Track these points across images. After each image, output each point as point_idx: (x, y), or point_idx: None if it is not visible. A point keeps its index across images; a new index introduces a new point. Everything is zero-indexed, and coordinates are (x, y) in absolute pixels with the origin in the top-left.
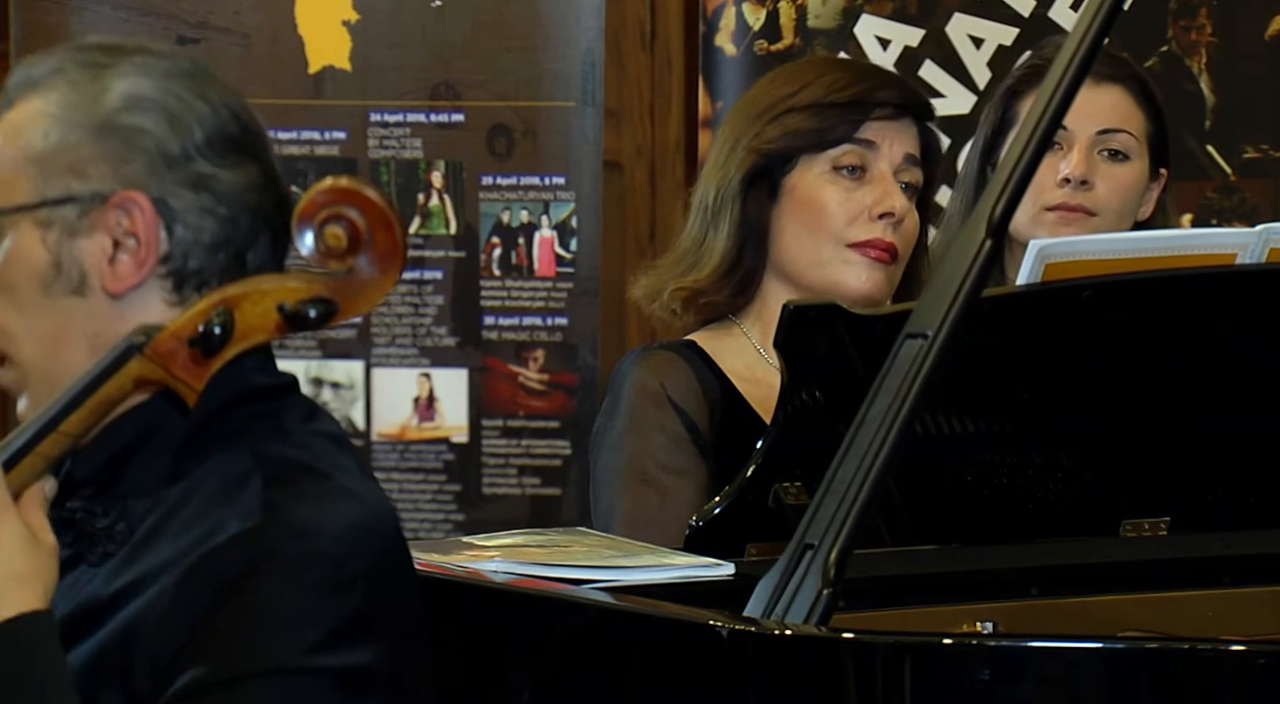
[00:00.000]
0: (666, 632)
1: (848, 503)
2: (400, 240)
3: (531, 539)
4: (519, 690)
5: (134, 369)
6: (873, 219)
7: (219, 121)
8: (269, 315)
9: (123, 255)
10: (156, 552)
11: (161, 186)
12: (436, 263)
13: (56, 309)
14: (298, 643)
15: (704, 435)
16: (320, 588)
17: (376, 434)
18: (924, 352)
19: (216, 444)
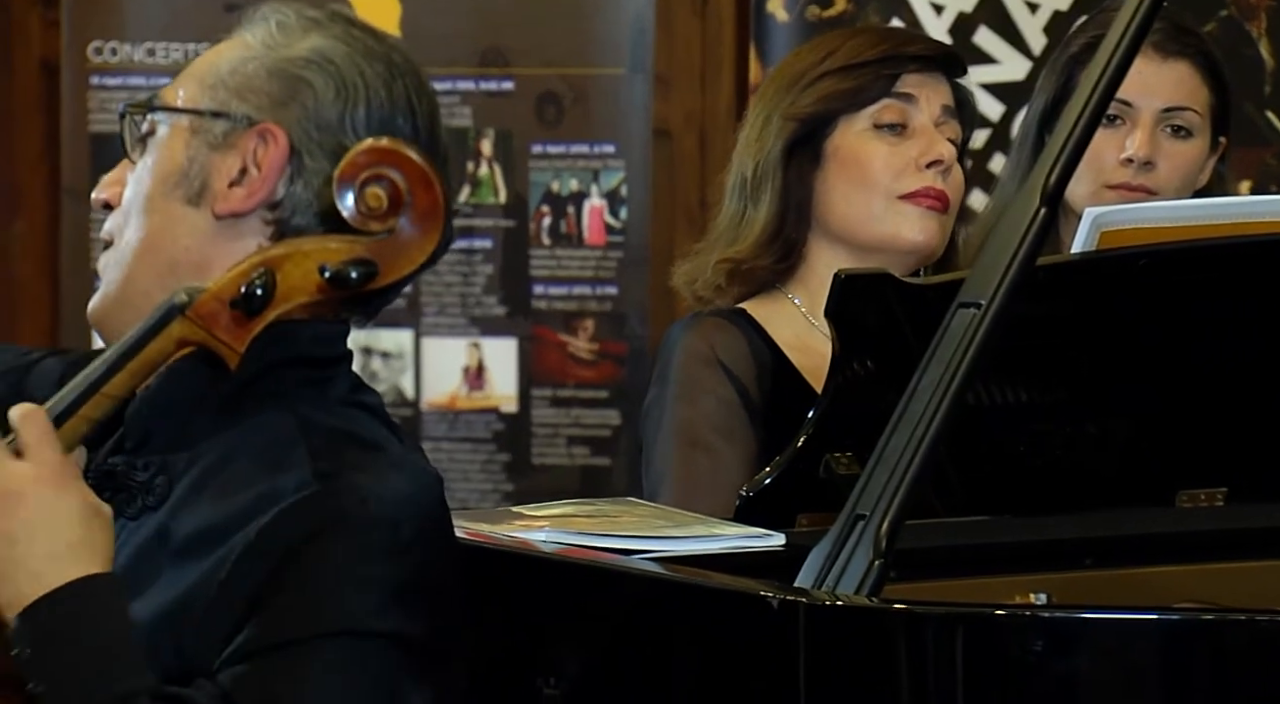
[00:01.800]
0: (716, 602)
1: (899, 473)
2: (441, 200)
3: (581, 509)
4: (567, 661)
5: (176, 330)
6: (920, 169)
7: (391, 112)
8: (310, 277)
9: (243, 182)
10: (205, 509)
11: (304, 141)
12: (486, 232)
13: (167, 211)
14: (359, 606)
15: (754, 401)
16: (378, 552)
17: (426, 404)
18: (977, 321)
19: (259, 403)
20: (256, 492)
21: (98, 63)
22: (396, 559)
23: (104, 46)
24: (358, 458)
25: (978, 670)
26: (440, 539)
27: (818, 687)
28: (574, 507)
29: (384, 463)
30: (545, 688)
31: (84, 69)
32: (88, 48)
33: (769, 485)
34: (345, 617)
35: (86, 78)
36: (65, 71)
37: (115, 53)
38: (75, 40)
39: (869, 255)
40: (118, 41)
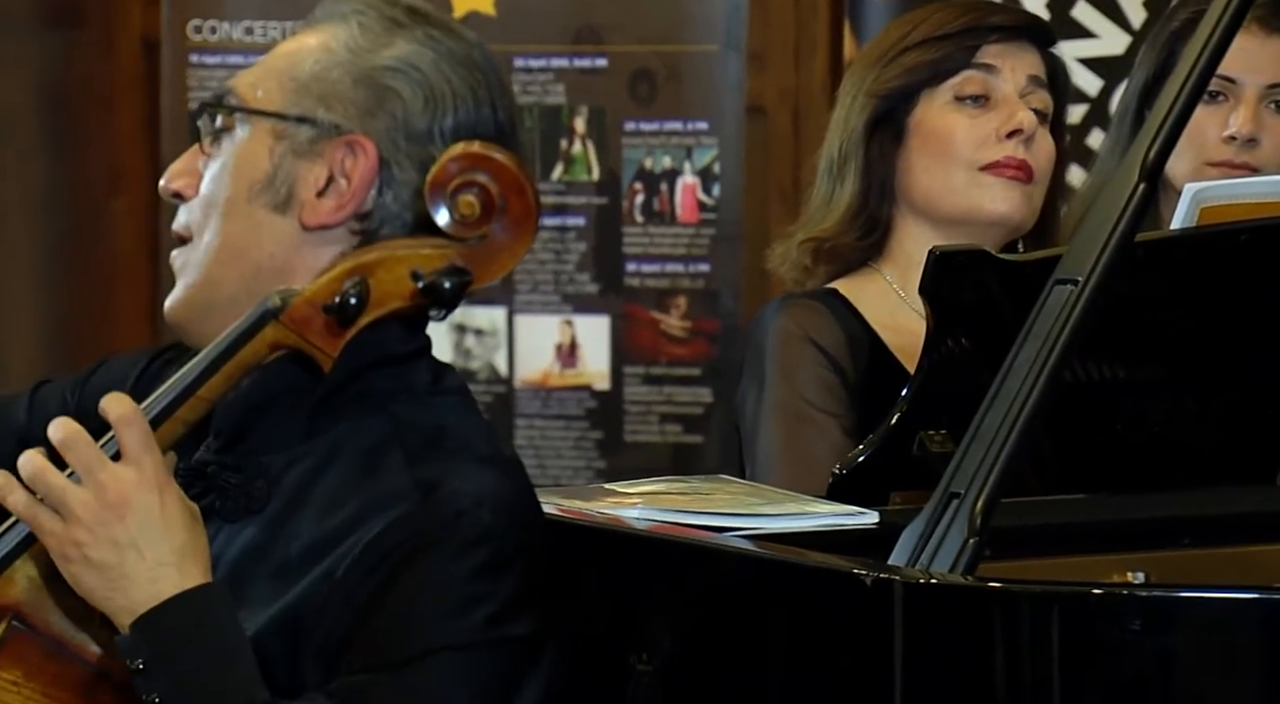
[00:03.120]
0: (809, 580)
1: (994, 451)
2: (533, 205)
3: (673, 486)
4: (660, 637)
5: (270, 334)
6: (1001, 139)
7: (477, 117)
8: (403, 283)
9: (330, 193)
10: (308, 521)
11: (393, 152)
12: (579, 209)
13: (251, 217)
14: (469, 620)
15: (850, 378)
16: (484, 568)
17: (519, 381)
18: (1074, 297)
19: (351, 405)
20: (358, 503)
21: (197, 41)
22: (501, 573)
23: (203, 25)
24: (453, 458)
25: (1074, 650)
26: (537, 539)
27: (912, 666)
28: (666, 484)
29: (478, 462)
30: (638, 664)
31: (183, 47)
32: (187, 26)
33: (862, 463)
34: (454, 631)
35: (186, 56)
36: (165, 50)
37: (215, 31)
38: (175, 19)
39: (954, 229)
40: (217, 20)
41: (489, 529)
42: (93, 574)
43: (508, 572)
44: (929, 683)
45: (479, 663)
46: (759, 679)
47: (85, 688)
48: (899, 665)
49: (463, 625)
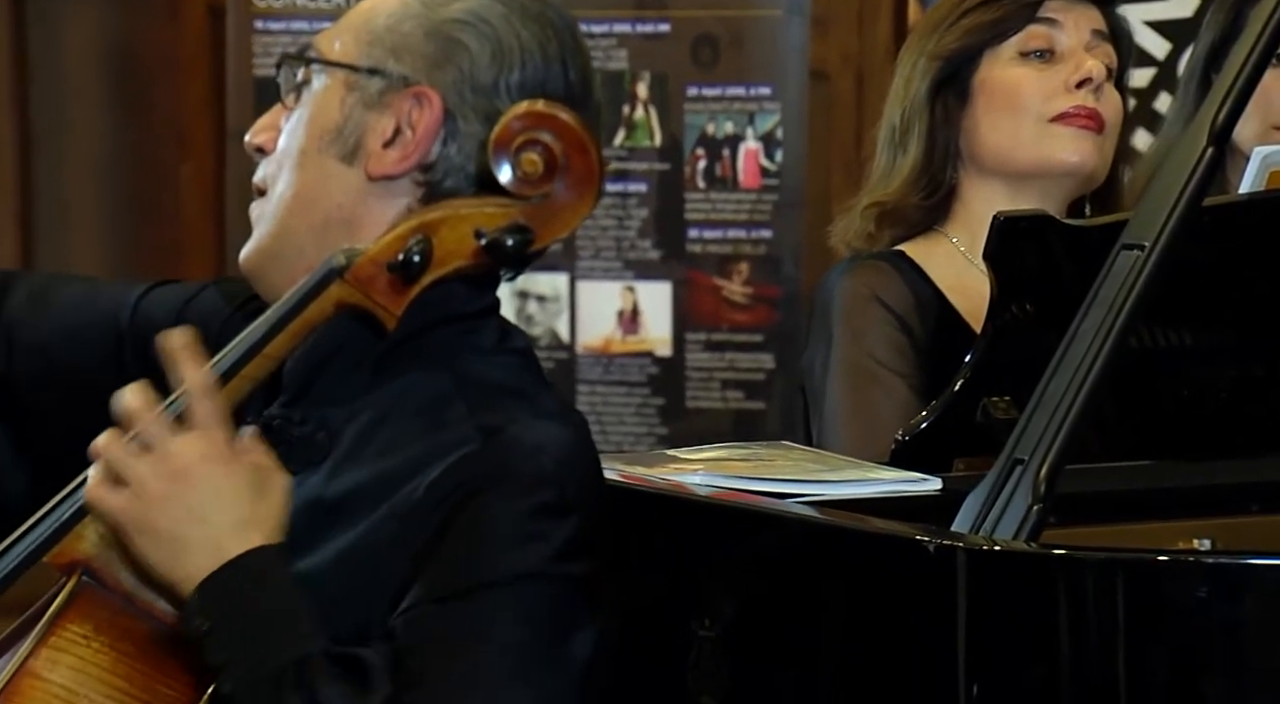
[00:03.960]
0: (872, 547)
1: (1059, 417)
2: (597, 164)
3: (735, 453)
4: (721, 604)
5: (335, 293)
6: (1070, 90)
7: (545, 74)
8: (466, 242)
9: (396, 144)
10: (367, 468)
11: (459, 104)
12: (641, 175)
13: (320, 167)
14: (528, 556)
15: (918, 337)
16: (543, 509)
17: (581, 347)
18: (1140, 263)
19: (414, 362)
20: (419, 449)
21: (262, 8)
22: (562, 517)
23: None
24: (515, 410)
25: (1139, 617)
26: (598, 490)
27: (976, 632)
28: (728, 450)
29: (540, 413)
30: (700, 630)
31: (249, 14)
32: None
33: (925, 429)
34: (515, 565)
35: (251, 22)
36: (231, 16)
37: None
38: None
39: (1025, 183)
40: None
41: (550, 474)
42: (156, 546)
43: (566, 516)
44: (993, 650)
45: (536, 597)
46: (821, 646)
47: (153, 644)
48: (962, 633)
49: (521, 560)
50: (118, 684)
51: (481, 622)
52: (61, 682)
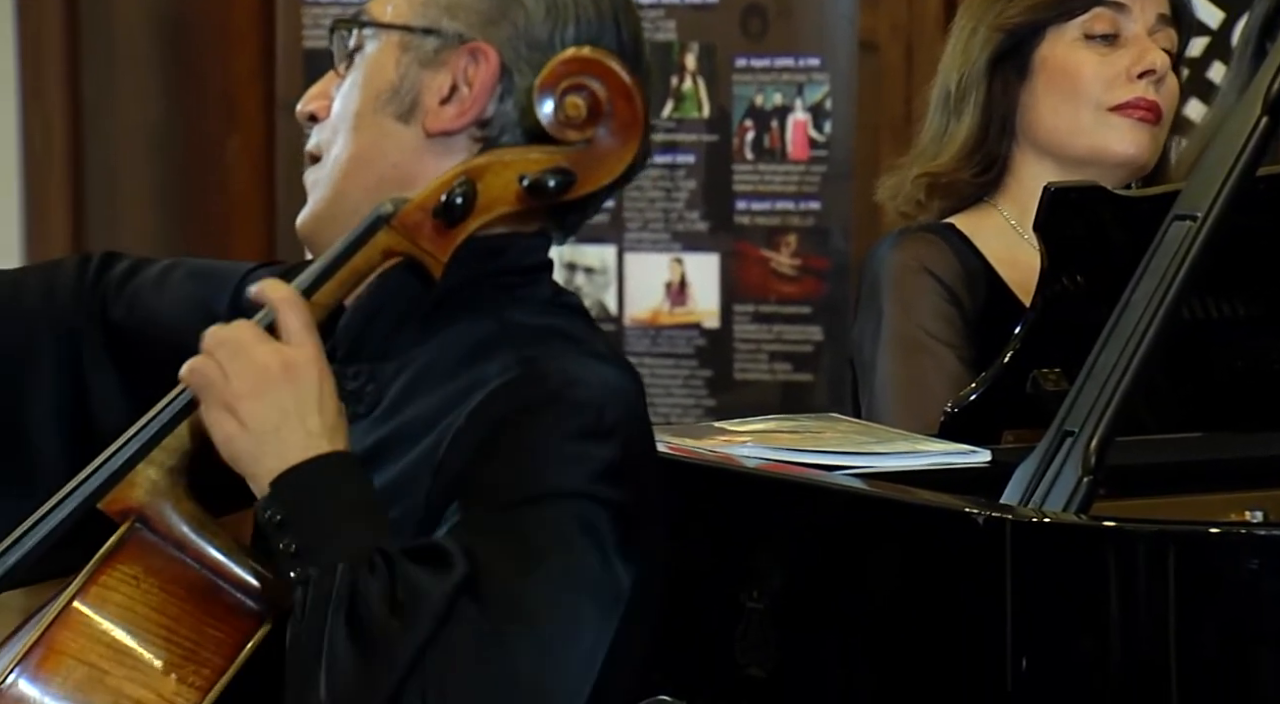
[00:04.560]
0: (920, 519)
1: (1110, 389)
2: (640, 111)
3: (783, 425)
4: (769, 575)
5: (382, 241)
6: (1132, 79)
7: (599, 29)
8: (510, 186)
9: (453, 101)
10: (413, 408)
11: (514, 60)
12: (689, 147)
13: (377, 127)
14: (568, 474)
15: (968, 311)
16: (584, 432)
17: (629, 319)
18: (1193, 233)
19: (464, 312)
20: (462, 382)
21: None
22: (601, 440)
23: None
24: (561, 348)
25: (1190, 589)
26: (641, 429)
27: (1024, 605)
28: (776, 422)
29: (588, 353)
30: (749, 602)
31: None
32: None
33: (974, 401)
34: (556, 482)
35: None
36: None
37: None
38: None
39: (1077, 169)
40: None
41: (589, 400)
42: (247, 436)
43: (608, 441)
44: (1041, 624)
45: (577, 515)
46: (869, 619)
47: (201, 589)
48: (1011, 606)
49: (563, 478)
50: (165, 624)
51: (524, 534)
52: (109, 618)
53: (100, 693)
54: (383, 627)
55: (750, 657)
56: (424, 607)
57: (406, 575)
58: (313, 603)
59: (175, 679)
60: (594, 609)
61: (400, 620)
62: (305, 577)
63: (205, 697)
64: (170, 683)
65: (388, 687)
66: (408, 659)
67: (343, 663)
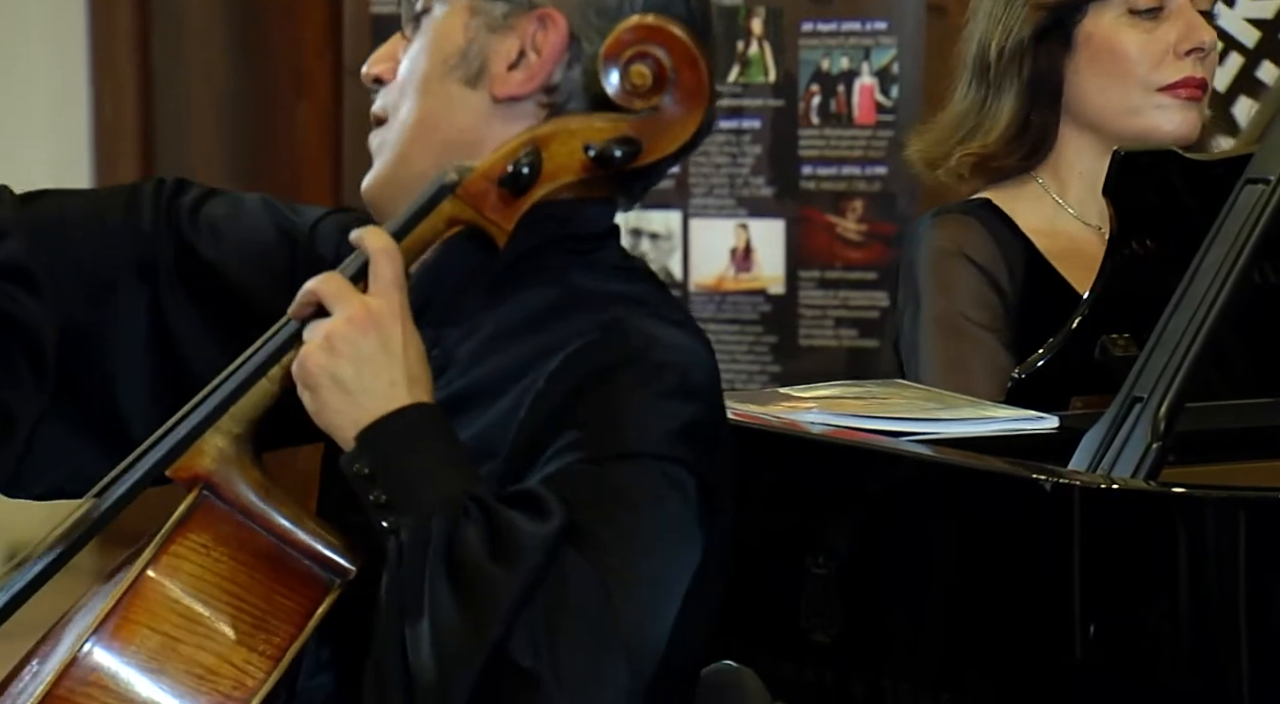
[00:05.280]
0: (987, 485)
1: (1179, 354)
2: (706, 79)
3: (849, 391)
4: (835, 542)
5: (447, 209)
6: (1180, 57)
7: None
8: (575, 155)
9: (521, 66)
10: (483, 370)
11: (583, 26)
12: (755, 112)
13: (444, 92)
14: (657, 431)
15: (1007, 294)
16: (671, 391)
17: (694, 285)
18: (1265, 197)
19: (531, 278)
20: (536, 345)
21: None
22: (688, 400)
23: None
24: (633, 312)
25: (1261, 556)
26: (719, 394)
27: (1093, 572)
28: (842, 388)
29: (662, 318)
30: (815, 567)
31: None
32: None
33: (1042, 367)
34: (645, 440)
35: None
36: None
37: None
38: None
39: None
40: None
41: (669, 361)
42: (332, 389)
43: (693, 402)
44: (1110, 591)
45: (665, 476)
46: (935, 585)
47: (270, 556)
48: (1078, 573)
49: (652, 436)
50: (235, 592)
51: (618, 489)
52: (181, 587)
53: (173, 662)
54: (485, 573)
55: (815, 622)
56: (526, 552)
57: (505, 521)
58: (410, 552)
59: (246, 648)
60: (682, 563)
61: (502, 566)
62: (397, 526)
63: (276, 665)
64: (241, 652)
65: (493, 633)
66: (512, 605)
67: (446, 611)
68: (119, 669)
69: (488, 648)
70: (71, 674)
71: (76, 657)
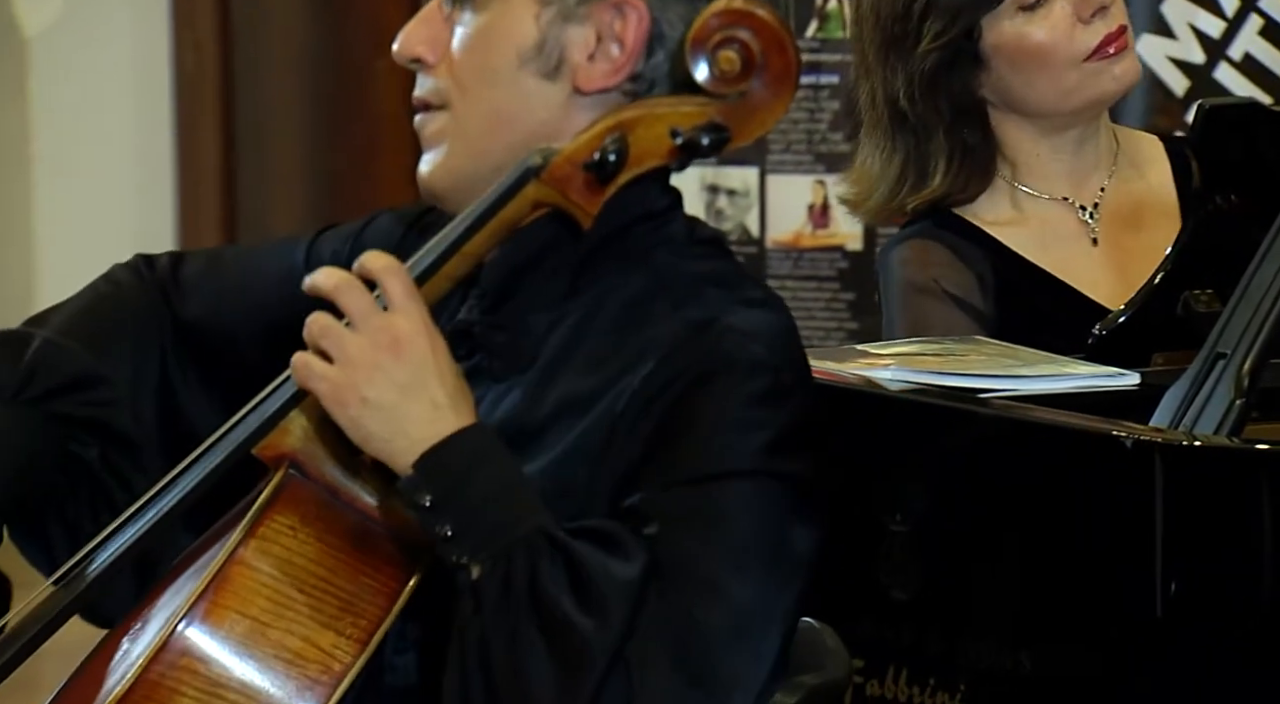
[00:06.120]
0: (1067, 442)
1: (1264, 310)
2: (794, 62)
3: (927, 348)
4: (914, 498)
5: (531, 193)
6: (1087, 22)
7: None
8: (662, 141)
9: (602, 56)
10: (572, 378)
11: (662, 10)
12: (833, 67)
13: (519, 86)
14: (750, 446)
15: (983, 312)
16: (761, 396)
17: (770, 241)
18: None
19: (613, 262)
20: (627, 350)
21: None
22: (780, 403)
23: None
24: (720, 300)
25: None
26: (809, 377)
27: (1174, 530)
28: (920, 345)
29: (745, 301)
30: (892, 525)
31: None
32: None
33: (1123, 323)
34: (738, 457)
35: None
36: None
37: None
38: None
39: (1076, 118)
40: None
41: (764, 360)
42: (373, 417)
43: (785, 402)
44: (1191, 548)
45: (760, 491)
46: (1014, 543)
47: (357, 536)
48: (1159, 530)
49: (743, 451)
50: (322, 574)
51: (710, 511)
52: (269, 570)
53: (262, 646)
54: (576, 625)
55: (893, 580)
56: (614, 598)
57: (587, 563)
58: (489, 594)
59: (334, 632)
60: (779, 583)
61: (592, 617)
62: (467, 562)
63: (363, 649)
64: (329, 635)
65: (589, 687)
66: (606, 656)
67: (539, 665)
68: (209, 653)
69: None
70: (162, 658)
71: (167, 641)
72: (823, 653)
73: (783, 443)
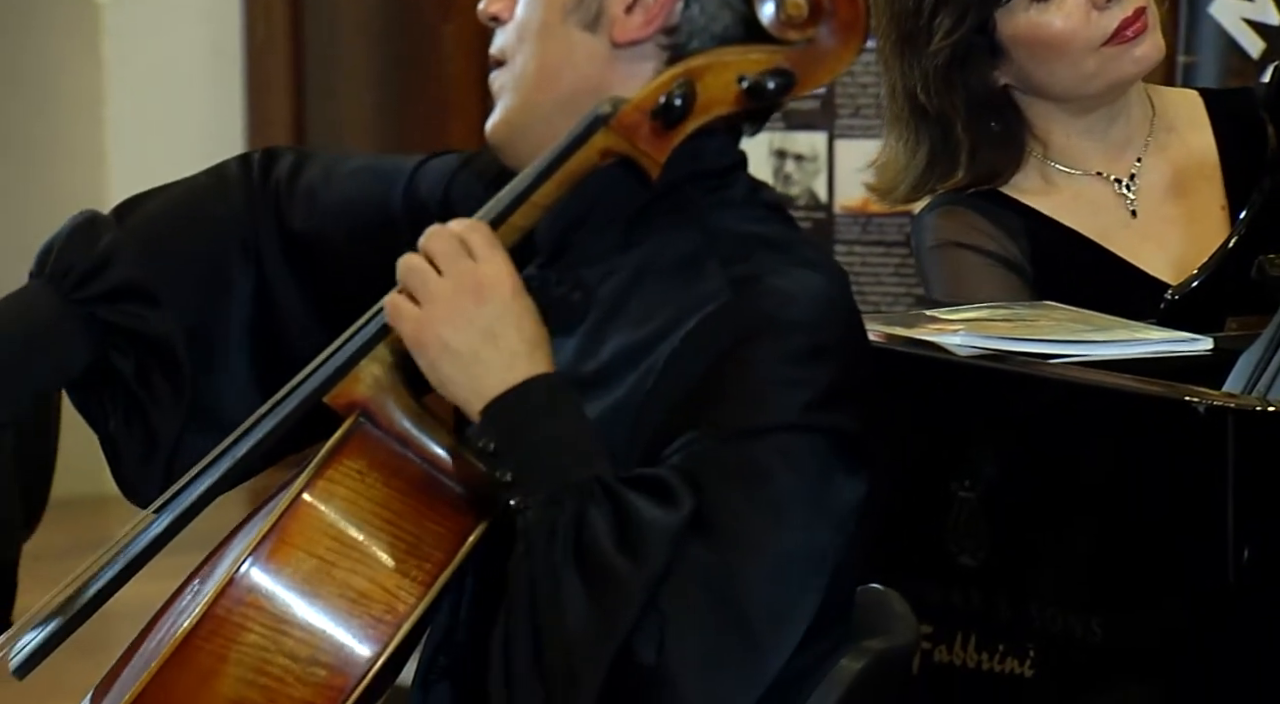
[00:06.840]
0: (1139, 408)
1: None
2: (863, 11)
3: (997, 313)
4: (983, 464)
5: (600, 141)
6: (1101, 8)
7: None
8: (729, 88)
9: (638, 9)
10: (624, 331)
11: None
12: None
13: (565, 37)
14: (792, 402)
15: (1022, 266)
16: (799, 355)
17: (839, 206)
18: None
19: (666, 217)
20: (675, 306)
21: None
22: (819, 362)
23: None
24: (768, 259)
25: None
26: (857, 338)
27: (1247, 496)
28: (989, 310)
29: (795, 262)
30: (960, 491)
31: None
32: None
33: (1197, 287)
34: (780, 412)
35: None
36: None
37: None
38: None
39: (1101, 100)
40: None
41: (803, 320)
42: (450, 360)
43: (824, 361)
44: (1263, 514)
45: (800, 446)
46: (1085, 509)
47: (423, 483)
48: (1231, 496)
49: (782, 406)
50: (388, 518)
51: (752, 465)
52: (335, 511)
53: (327, 585)
54: (613, 566)
55: (962, 545)
56: (653, 542)
57: (633, 509)
58: (537, 536)
59: (399, 573)
60: (821, 532)
61: (629, 558)
62: (524, 505)
63: (427, 591)
64: (394, 576)
65: (623, 626)
66: (641, 597)
67: (577, 604)
68: (274, 591)
69: (615, 645)
70: (229, 594)
71: (234, 577)
72: (890, 618)
73: (824, 400)
